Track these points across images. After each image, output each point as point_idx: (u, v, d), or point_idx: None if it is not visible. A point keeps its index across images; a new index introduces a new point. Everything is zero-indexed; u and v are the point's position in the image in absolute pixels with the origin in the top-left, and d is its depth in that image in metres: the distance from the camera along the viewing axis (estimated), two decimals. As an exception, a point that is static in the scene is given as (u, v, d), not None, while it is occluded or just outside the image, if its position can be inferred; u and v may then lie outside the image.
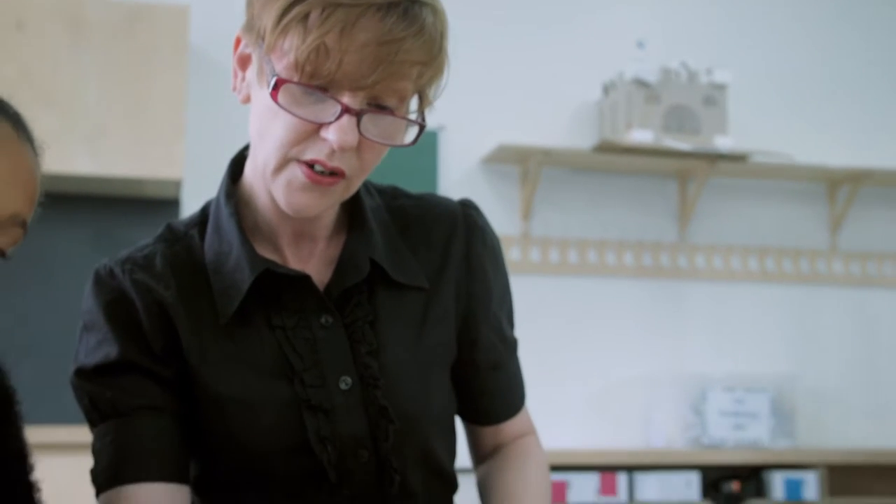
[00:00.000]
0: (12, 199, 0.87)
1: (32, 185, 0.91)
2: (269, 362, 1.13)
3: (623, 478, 3.89)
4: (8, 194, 0.87)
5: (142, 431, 1.08)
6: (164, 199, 3.51)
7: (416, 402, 1.18)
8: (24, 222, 0.90)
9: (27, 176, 0.90)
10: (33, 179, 0.91)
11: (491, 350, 1.27)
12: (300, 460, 1.13)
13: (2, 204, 0.87)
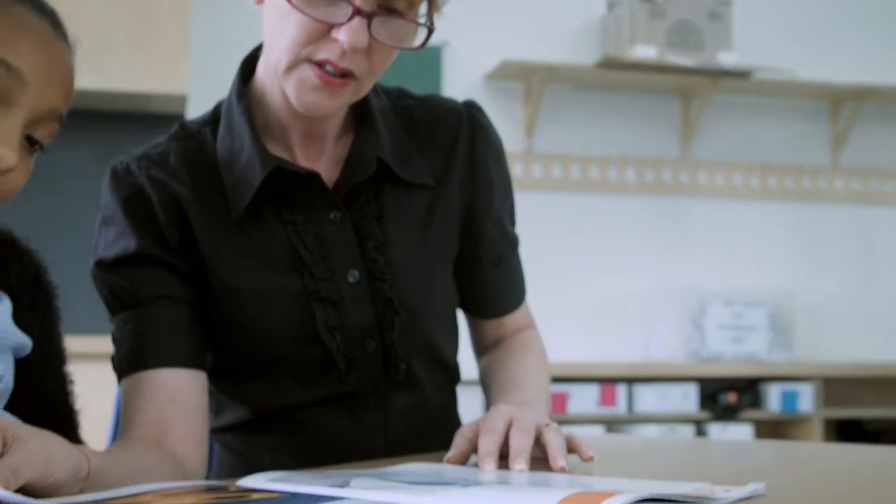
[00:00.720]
0: (52, 95, 0.91)
1: (69, 81, 0.95)
2: (280, 256, 1.18)
3: (622, 389, 3.98)
4: (48, 90, 0.91)
5: (160, 320, 1.13)
6: (169, 114, 3.52)
7: (420, 295, 1.23)
8: (61, 116, 0.94)
9: (65, 72, 0.94)
10: (70, 75, 0.95)
11: (493, 245, 1.33)
12: (310, 349, 1.18)
13: (42, 99, 0.91)
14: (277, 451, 1.24)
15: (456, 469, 0.97)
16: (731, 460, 1.15)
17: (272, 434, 1.25)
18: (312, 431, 1.23)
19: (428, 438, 1.30)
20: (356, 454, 1.22)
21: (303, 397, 1.22)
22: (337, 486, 0.78)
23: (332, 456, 1.21)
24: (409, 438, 1.27)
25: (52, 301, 1.07)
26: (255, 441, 1.26)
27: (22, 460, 0.71)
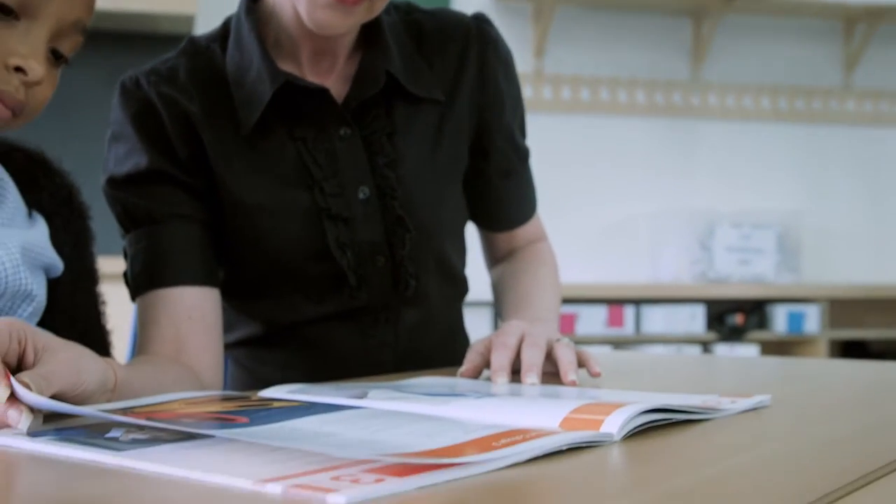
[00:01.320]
0: (75, 6, 0.92)
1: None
2: (291, 172, 1.18)
3: (630, 310, 4.01)
4: (71, 1, 0.91)
5: (174, 238, 1.14)
6: (177, 34, 3.50)
7: (430, 211, 1.25)
8: (85, 28, 0.94)
9: None
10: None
11: (504, 158, 1.34)
12: (320, 265, 1.20)
13: (66, 11, 0.91)
14: (288, 367, 1.27)
15: (468, 382, 0.99)
16: (737, 375, 1.18)
17: (283, 350, 1.27)
18: (323, 347, 1.26)
19: (436, 354, 1.32)
20: (366, 370, 1.25)
21: (313, 313, 1.24)
22: (355, 398, 0.81)
23: (342, 372, 1.23)
24: (417, 354, 1.30)
25: (84, 222, 1.09)
26: (266, 357, 1.29)
27: (53, 370, 0.74)
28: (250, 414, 0.72)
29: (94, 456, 0.60)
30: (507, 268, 1.39)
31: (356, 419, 0.70)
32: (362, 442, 0.61)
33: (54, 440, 0.65)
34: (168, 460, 0.58)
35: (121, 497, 0.51)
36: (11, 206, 0.98)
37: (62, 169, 1.09)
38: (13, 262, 0.92)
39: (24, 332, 0.75)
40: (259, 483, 0.52)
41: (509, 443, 0.60)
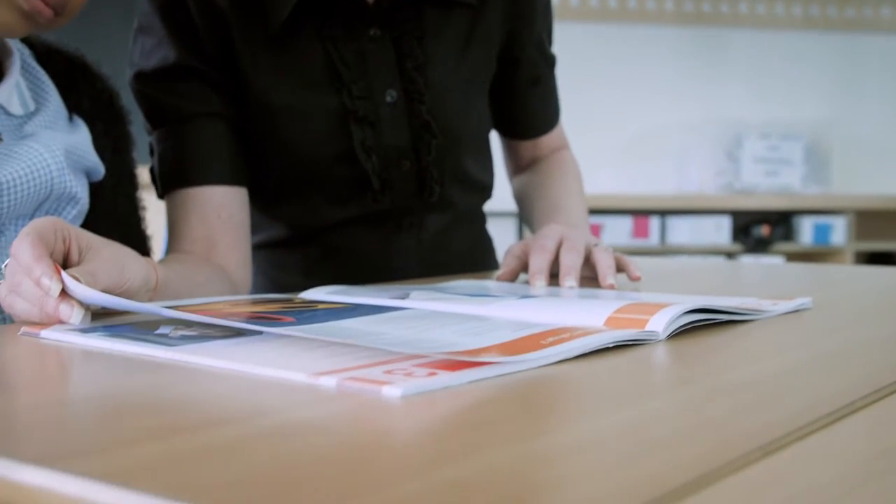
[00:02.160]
0: None
1: None
2: (318, 73, 1.17)
3: (655, 221, 4.00)
4: None
5: (203, 137, 1.13)
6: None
7: (457, 118, 1.24)
8: None
9: None
10: None
11: (532, 66, 1.33)
12: (345, 168, 1.20)
13: None
14: (310, 273, 1.28)
15: (505, 286, 1.00)
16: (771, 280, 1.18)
17: (305, 255, 1.28)
18: (345, 252, 1.26)
19: (460, 260, 1.33)
20: (389, 275, 1.25)
21: (337, 217, 1.24)
22: (397, 299, 0.81)
23: (365, 277, 1.24)
24: (441, 259, 1.30)
25: (124, 127, 1.09)
26: (288, 262, 1.29)
27: (98, 266, 0.74)
28: (296, 314, 0.72)
29: (148, 350, 0.61)
30: (532, 176, 1.38)
31: (402, 320, 0.70)
32: (411, 340, 0.61)
33: (105, 335, 0.66)
34: (221, 355, 0.58)
35: (176, 389, 0.52)
36: (53, 110, 0.98)
37: (102, 73, 1.08)
38: (58, 165, 0.92)
39: (68, 231, 0.76)
40: (313, 376, 0.52)
41: (556, 341, 0.61)
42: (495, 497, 0.33)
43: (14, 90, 0.96)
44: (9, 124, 0.95)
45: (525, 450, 0.39)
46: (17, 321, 0.74)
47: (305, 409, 0.47)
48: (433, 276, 1.26)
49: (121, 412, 0.47)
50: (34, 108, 0.98)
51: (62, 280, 0.70)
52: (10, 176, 0.88)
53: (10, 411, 0.48)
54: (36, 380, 0.57)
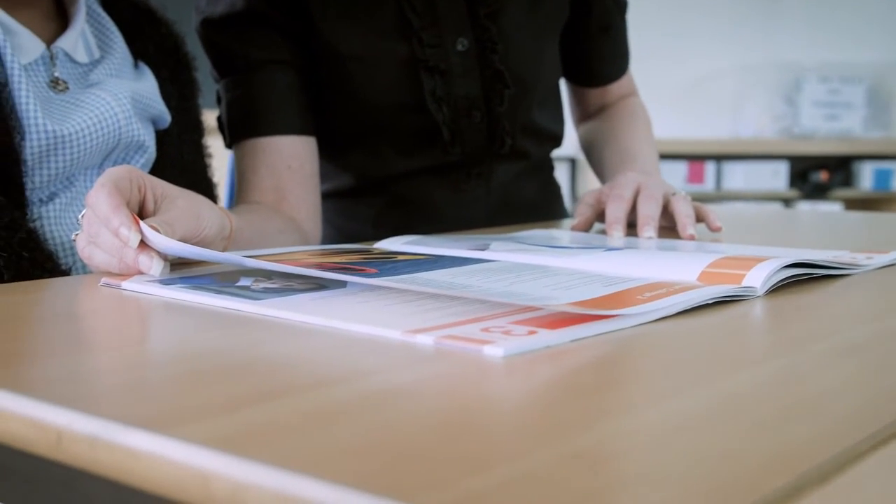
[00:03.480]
0: None
1: None
2: (388, 21, 1.14)
3: (711, 167, 3.94)
4: None
5: (272, 86, 1.11)
6: None
7: (530, 67, 1.20)
8: None
9: None
10: None
11: (604, 12, 1.29)
12: (415, 118, 1.17)
13: None
14: (377, 223, 1.26)
15: (582, 236, 0.97)
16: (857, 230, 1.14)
17: (372, 205, 1.26)
18: (413, 202, 1.24)
19: (528, 209, 1.30)
20: (457, 225, 1.23)
21: (405, 167, 1.22)
22: (476, 249, 0.79)
23: (432, 227, 1.22)
24: (509, 209, 1.28)
25: (190, 73, 1.07)
26: (354, 212, 1.28)
27: (175, 216, 0.73)
28: (377, 265, 0.71)
29: (233, 304, 0.60)
30: (600, 124, 1.35)
31: (487, 272, 0.68)
32: (502, 294, 0.59)
33: (186, 287, 0.65)
34: (308, 309, 0.57)
35: (267, 347, 0.51)
36: (119, 57, 0.96)
37: (167, 18, 1.06)
38: (126, 114, 0.91)
39: (143, 180, 0.74)
40: (407, 333, 0.51)
41: (653, 296, 0.59)
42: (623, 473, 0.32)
43: (79, 37, 0.95)
44: (74, 72, 0.94)
45: (635, 422, 0.37)
46: (96, 272, 0.73)
47: (406, 371, 0.45)
48: (501, 225, 1.24)
49: (216, 373, 0.45)
50: (99, 55, 0.97)
51: (141, 230, 0.69)
52: (78, 126, 0.87)
53: (101, 370, 0.47)
54: (124, 336, 0.56)
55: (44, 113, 0.85)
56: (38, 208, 0.87)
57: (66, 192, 0.90)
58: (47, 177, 0.87)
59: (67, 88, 0.91)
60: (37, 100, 0.85)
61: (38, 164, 0.86)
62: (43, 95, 0.88)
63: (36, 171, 0.86)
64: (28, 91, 0.84)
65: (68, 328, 0.57)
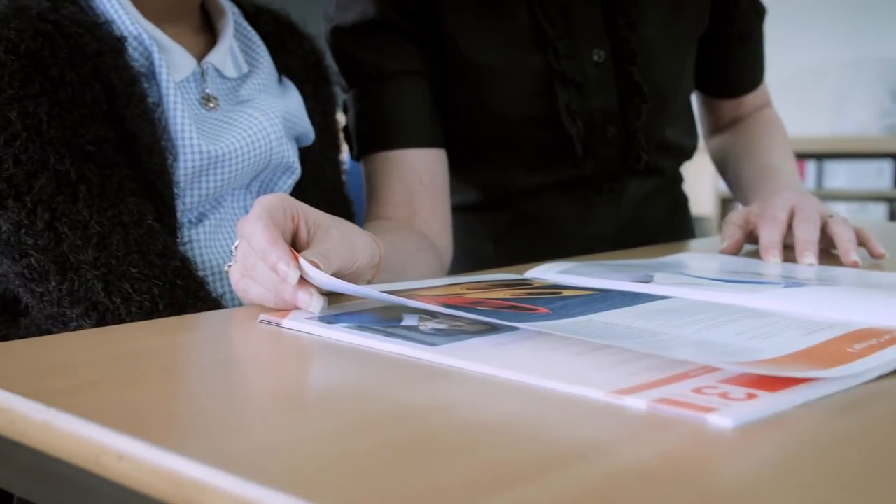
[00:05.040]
0: None
1: None
2: (522, 30, 1.11)
3: (811, 165, 3.83)
4: None
5: (404, 96, 1.08)
6: None
7: (669, 80, 1.16)
8: None
9: None
10: None
11: (743, 19, 1.24)
12: (546, 132, 1.13)
13: None
14: (501, 239, 1.22)
15: (735, 261, 0.92)
16: None
17: (496, 221, 1.22)
18: (540, 218, 1.20)
19: (658, 227, 1.26)
20: (585, 242, 1.19)
21: (533, 182, 1.18)
22: (640, 281, 0.75)
23: (559, 245, 1.18)
24: (640, 227, 1.23)
25: (331, 88, 1.05)
26: (478, 228, 1.24)
27: (331, 248, 0.70)
28: (546, 303, 0.67)
29: (407, 350, 0.56)
30: (735, 136, 1.29)
31: (668, 314, 0.64)
32: (694, 343, 0.55)
33: (352, 328, 0.62)
34: (492, 360, 0.54)
35: (462, 408, 0.47)
36: (266, 72, 0.94)
37: (308, 33, 1.04)
38: (277, 133, 0.89)
39: (296, 208, 0.72)
40: (614, 394, 0.47)
41: (866, 349, 0.54)
42: None
43: (228, 52, 0.93)
44: (223, 87, 0.92)
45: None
46: (249, 304, 0.71)
47: (635, 445, 0.41)
48: (631, 243, 1.20)
49: (419, 447, 0.42)
50: (247, 69, 0.95)
51: (299, 266, 0.66)
52: (231, 147, 0.85)
53: (282, 440, 0.44)
54: (295, 389, 0.54)
55: (197, 132, 0.83)
56: (188, 231, 0.85)
57: (215, 213, 0.88)
58: (198, 198, 0.85)
59: (218, 105, 0.89)
60: (191, 119, 0.83)
61: (191, 185, 0.84)
62: (195, 113, 0.87)
63: (188, 193, 0.84)
64: (183, 110, 0.83)
65: (232, 378, 0.54)
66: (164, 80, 0.83)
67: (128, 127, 0.79)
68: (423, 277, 1.01)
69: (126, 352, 0.58)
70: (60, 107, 0.75)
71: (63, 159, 0.74)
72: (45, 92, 0.74)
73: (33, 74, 0.74)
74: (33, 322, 0.80)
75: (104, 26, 0.81)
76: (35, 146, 0.74)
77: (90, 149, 0.76)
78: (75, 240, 0.74)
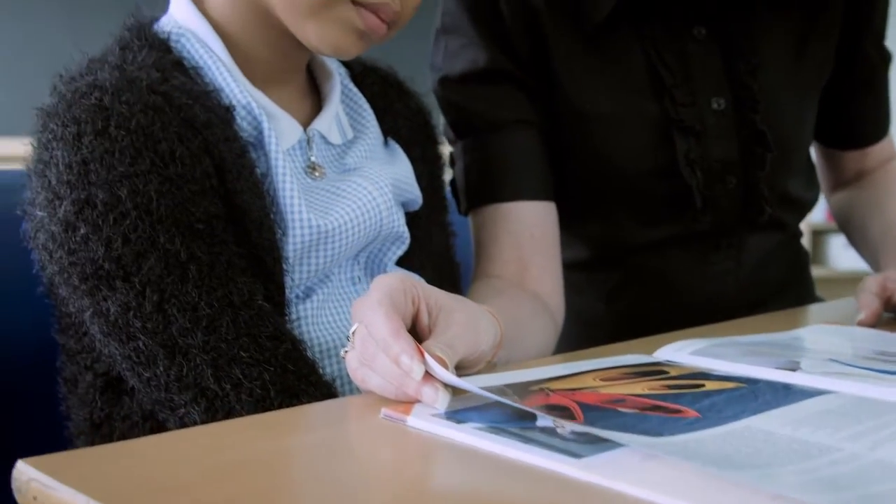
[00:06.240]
0: None
1: None
2: (637, 77, 1.06)
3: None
4: None
5: (514, 147, 1.05)
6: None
7: (792, 128, 1.10)
8: None
9: None
10: None
11: (868, 66, 1.18)
12: (662, 183, 1.08)
13: None
14: (612, 298, 1.17)
15: (877, 336, 0.86)
16: None
17: (608, 280, 1.17)
18: (654, 276, 1.14)
19: (780, 286, 1.19)
20: (703, 301, 1.13)
21: (646, 237, 1.13)
22: (787, 369, 0.69)
23: (674, 304, 1.13)
24: (761, 285, 1.17)
25: (438, 148, 1.01)
26: (587, 286, 1.19)
27: (456, 335, 0.66)
28: (692, 401, 0.61)
29: (549, 463, 0.51)
30: (861, 192, 1.22)
31: (832, 418, 0.58)
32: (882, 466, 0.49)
33: (482, 428, 0.57)
34: (647, 478, 0.48)
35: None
36: (372, 136, 0.91)
37: (414, 90, 1.00)
38: (387, 203, 0.85)
39: (416, 290, 0.68)
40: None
41: None
42: None
43: (334, 118, 0.89)
44: (329, 154, 0.88)
45: None
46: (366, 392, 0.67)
47: None
48: (751, 301, 1.14)
49: None
50: (353, 135, 0.91)
51: (424, 360, 0.62)
52: (340, 220, 0.81)
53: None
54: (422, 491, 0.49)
55: (306, 205, 0.80)
56: (295, 307, 0.81)
57: (322, 287, 0.84)
58: (307, 273, 0.81)
59: (324, 174, 0.86)
60: (299, 190, 0.80)
61: (300, 260, 0.80)
62: (302, 183, 0.83)
63: (296, 269, 0.80)
64: (291, 181, 0.79)
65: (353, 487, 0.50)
66: (273, 149, 0.80)
67: (237, 201, 0.75)
68: (540, 345, 0.96)
69: (235, 462, 0.53)
70: (170, 183, 0.72)
71: (173, 238, 0.71)
72: (155, 168, 0.71)
73: (143, 150, 0.71)
74: (138, 403, 0.77)
75: (213, 95, 0.79)
76: (144, 225, 0.71)
77: (200, 226, 0.72)
78: (184, 322, 0.71)
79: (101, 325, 0.73)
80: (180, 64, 0.80)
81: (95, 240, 0.71)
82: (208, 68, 0.81)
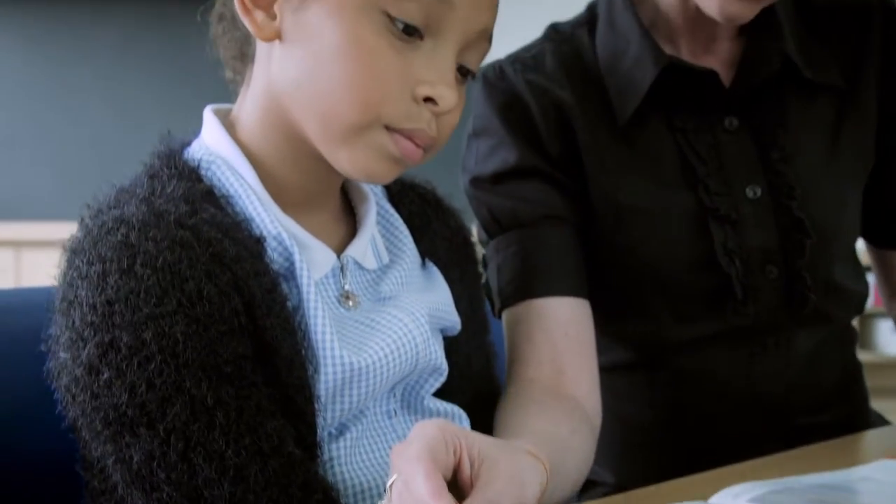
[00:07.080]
0: (483, 12, 0.79)
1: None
2: (670, 169, 1.05)
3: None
4: (476, 9, 0.78)
5: (546, 243, 1.04)
6: None
7: (832, 215, 1.07)
8: (490, 35, 0.81)
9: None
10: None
11: None
12: (699, 277, 1.05)
13: (474, 20, 0.78)
14: (657, 403, 1.13)
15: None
16: None
17: (649, 383, 1.13)
18: (698, 378, 1.10)
19: (832, 386, 1.14)
20: (749, 405, 1.09)
21: (686, 335, 1.09)
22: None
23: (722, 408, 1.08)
24: (812, 388, 1.12)
25: (477, 268, 0.98)
26: (630, 390, 1.15)
27: (500, 491, 0.62)
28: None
29: None
30: None
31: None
32: None
33: None
34: None
35: None
36: (409, 261, 0.88)
37: (454, 207, 0.98)
38: (423, 336, 0.81)
39: (458, 439, 0.64)
40: None
41: None
42: None
43: (369, 243, 0.86)
44: (363, 280, 0.85)
45: None
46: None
47: None
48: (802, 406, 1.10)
49: None
50: (388, 259, 0.88)
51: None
52: (375, 356, 0.78)
53: None
54: None
55: (339, 339, 0.76)
56: (328, 446, 0.77)
57: (356, 425, 0.80)
58: (339, 411, 0.77)
59: (358, 304, 0.82)
60: (332, 324, 0.76)
61: (332, 399, 0.76)
62: (334, 314, 0.80)
63: (329, 408, 0.77)
64: (323, 314, 0.76)
65: None
66: (305, 281, 0.77)
67: (267, 338, 0.72)
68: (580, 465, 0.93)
69: None
70: (197, 324, 0.68)
71: (199, 383, 0.68)
72: (182, 308, 0.68)
73: (170, 290, 0.68)
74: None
75: (243, 226, 0.76)
76: (170, 369, 0.68)
77: (227, 369, 0.69)
78: (210, 473, 0.67)
79: (124, 474, 0.69)
80: (210, 193, 0.78)
81: (119, 385, 0.68)
82: (239, 197, 0.79)
